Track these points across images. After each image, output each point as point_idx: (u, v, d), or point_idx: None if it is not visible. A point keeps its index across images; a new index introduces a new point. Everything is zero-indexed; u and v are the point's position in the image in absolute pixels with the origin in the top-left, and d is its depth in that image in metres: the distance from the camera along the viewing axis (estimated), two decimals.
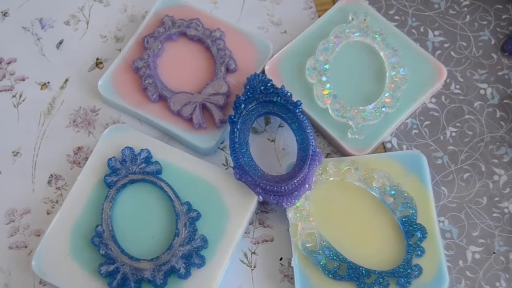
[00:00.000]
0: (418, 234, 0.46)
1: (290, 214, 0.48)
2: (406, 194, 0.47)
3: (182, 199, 0.47)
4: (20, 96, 0.54)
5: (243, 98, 0.50)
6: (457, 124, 0.53)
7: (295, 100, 0.50)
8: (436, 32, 0.57)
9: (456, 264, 0.48)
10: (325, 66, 0.52)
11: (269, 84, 0.50)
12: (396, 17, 0.57)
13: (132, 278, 0.45)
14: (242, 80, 0.52)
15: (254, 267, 0.49)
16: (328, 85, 0.51)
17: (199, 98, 0.51)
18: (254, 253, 0.49)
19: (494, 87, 0.55)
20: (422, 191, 0.48)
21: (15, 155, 0.52)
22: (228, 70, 0.53)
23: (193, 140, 0.51)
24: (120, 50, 0.56)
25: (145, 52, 0.53)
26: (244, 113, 0.49)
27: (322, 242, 0.46)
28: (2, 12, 0.58)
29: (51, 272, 0.46)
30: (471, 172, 0.51)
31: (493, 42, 0.56)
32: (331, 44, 0.53)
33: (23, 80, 0.55)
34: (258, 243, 0.49)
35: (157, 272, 0.45)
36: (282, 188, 0.47)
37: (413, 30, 0.57)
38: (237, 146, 0.49)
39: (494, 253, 0.49)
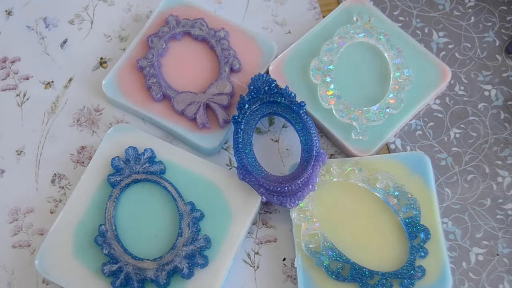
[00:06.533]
0: (422, 235, 0.46)
1: (294, 214, 0.47)
2: (409, 195, 0.47)
3: (185, 199, 0.47)
4: (24, 95, 0.54)
5: (247, 98, 0.50)
6: (461, 125, 0.53)
7: (299, 101, 0.50)
8: (441, 33, 0.57)
9: (459, 265, 0.48)
10: (329, 67, 0.52)
11: (273, 85, 0.50)
12: (401, 18, 0.57)
13: (135, 278, 0.45)
14: (246, 80, 0.53)
15: (257, 267, 0.49)
16: (332, 86, 0.51)
17: (203, 98, 0.51)
18: (257, 253, 0.49)
19: (498, 89, 0.54)
20: (425, 193, 0.48)
21: (18, 154, 0.52)
22: (232, 70, 0.53)
23: (197, 140, 0.51)
24: (124, 49, 0.56)
25: (149, 51, 0.53)
26: (248, 113, 0.49)
27: (325, 242, 0.46)
28: (6, 11, 0.58)
29: (54, 271, 0.46)
30: (475, 174, 0.51)
31: (497, 43, 0.56)
32: (336, 45, 0.53)
33: (27, 79, 0.55)
34: (261, 243, 0.49)
35: (160, 271, 0.45)
36: (286, 188, 0.46)
37: (418, 31, 0.57)
38: (241, 146, 0.48)
39: (497, 255, 0.49)
